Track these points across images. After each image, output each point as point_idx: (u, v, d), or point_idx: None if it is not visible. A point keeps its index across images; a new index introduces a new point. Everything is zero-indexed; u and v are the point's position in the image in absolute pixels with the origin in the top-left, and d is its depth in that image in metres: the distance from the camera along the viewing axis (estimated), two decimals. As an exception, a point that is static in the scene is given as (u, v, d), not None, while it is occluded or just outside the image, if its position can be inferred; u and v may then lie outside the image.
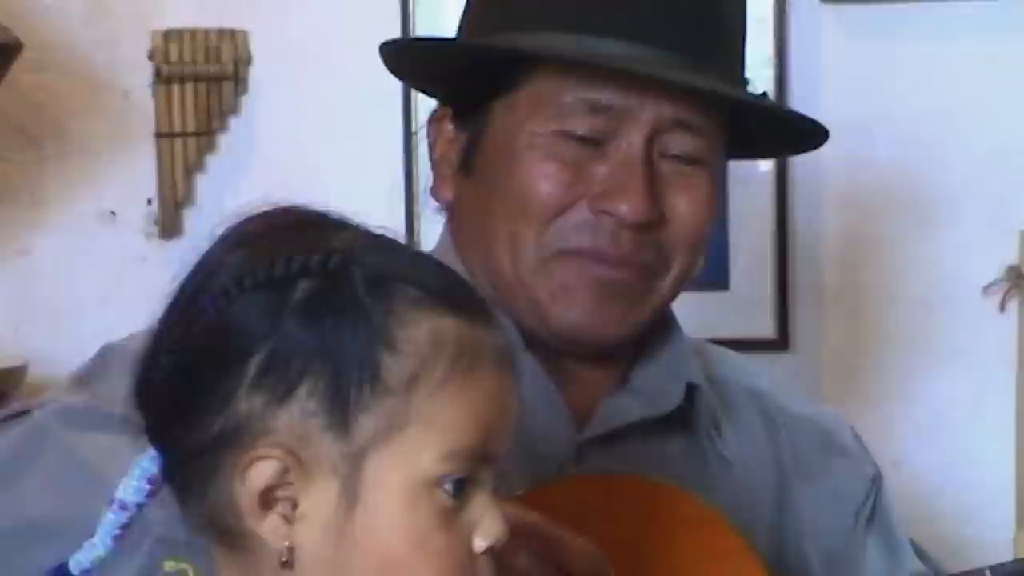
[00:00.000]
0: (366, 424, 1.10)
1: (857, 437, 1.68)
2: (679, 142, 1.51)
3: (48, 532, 1.32)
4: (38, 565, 1.29)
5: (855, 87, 2.42)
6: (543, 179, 1.49)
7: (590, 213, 1.51)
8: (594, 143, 1.50)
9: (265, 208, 1.16)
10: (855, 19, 2.42)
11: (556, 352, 1.56)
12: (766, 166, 2.41)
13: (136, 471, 1.13)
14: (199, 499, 1.12)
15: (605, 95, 1.48)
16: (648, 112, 1.49)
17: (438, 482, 1.10)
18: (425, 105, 1.67)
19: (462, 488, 1.10)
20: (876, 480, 1.65)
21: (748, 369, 1.69)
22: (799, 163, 2.39)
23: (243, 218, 1.15)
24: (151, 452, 1.13)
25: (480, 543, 1.12)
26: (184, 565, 1.17)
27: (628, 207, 1.49)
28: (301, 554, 1.10)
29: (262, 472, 1.09)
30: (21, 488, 1.37)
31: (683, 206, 1.52)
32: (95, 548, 1.13)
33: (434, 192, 1.57)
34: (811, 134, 1.62)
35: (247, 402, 1.09)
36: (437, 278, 1.14)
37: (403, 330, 1.10)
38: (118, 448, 1.19)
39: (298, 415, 1.09)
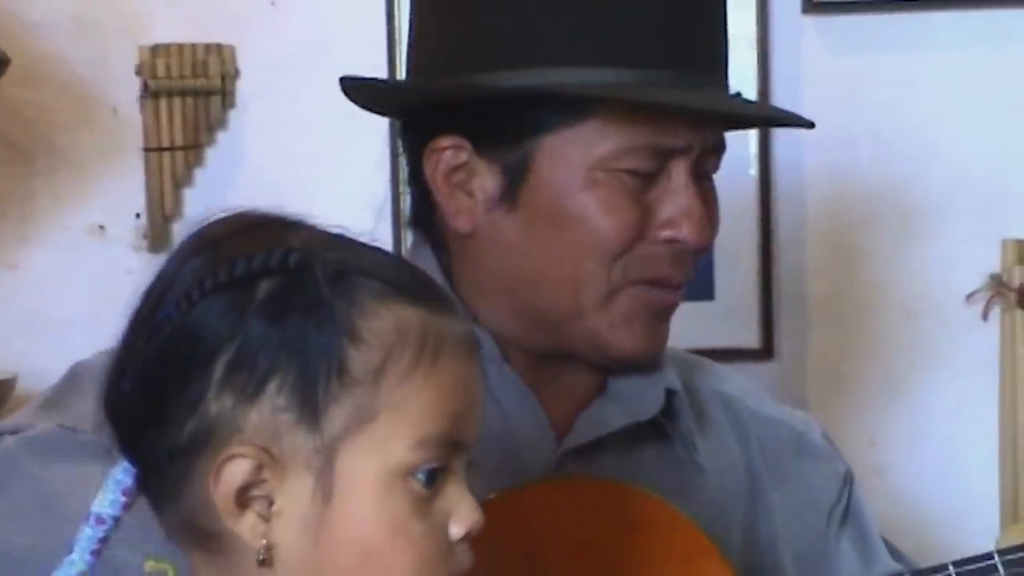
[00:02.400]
0: (336, 417, 1.10)
1: (827, 437, 1.69)
2: (710, 163, 1.55)
3: (12, 563, 1.33)
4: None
5: (837, 98, 2.43)
6: (613, 215, 1.51)
7: (653, 244, 1.52)
8: (646, 175, 1.51)
9: (220, 213, 1.16)
10: (837, 30, 2.43)
11: (536, 363, 1.57)
12: (750, 176, 2.42)
13: (110, 484, 1.14)
14: (175, 504, 1.12)
15: (669, 138, 1.50)
16: (698, 143, 1.52)
17: (411, 471, 1.11)
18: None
19: (435, 477, 1.12)
20: (848, 478, 1.66)
21: (718, 374, 1.70)
22: (783, 174, 2.41)
23: (200, 225, 1.16)
24: (124, 464, 1.13)
25: (456, 530, 1.13)
26: (165, 565, 1.21)
27: (694, 234, 1.51)
28: (279, 551, 1.11)
29: (236, 471, 1.09)
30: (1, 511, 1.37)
31: (716, 218, 1.56)
32: (74, 564, 1.13)
33: (452, 218, 1.56)
34: (799, 120, 1.66)
35: (217, 403, 1.10)
36: (396, 270, 1.15)
37: (367, 321, 1.11)
38: (88, 477, 1.19)
39: (268, 412, 1.10)
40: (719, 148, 1.55)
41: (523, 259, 1.55)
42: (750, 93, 2.36)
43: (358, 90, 1.65)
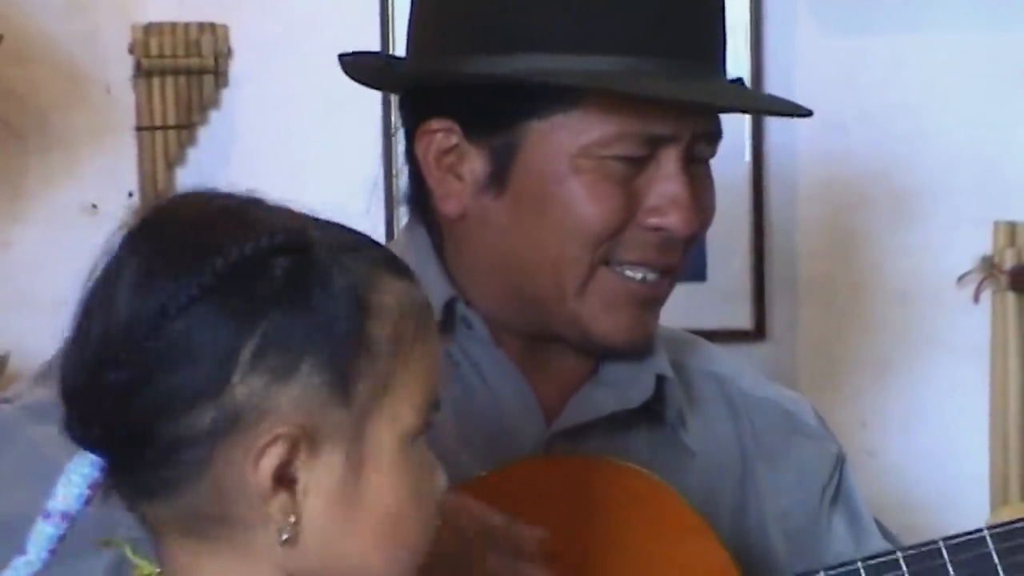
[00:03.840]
0: (363, 390, 1.11)
1: (819, 417, 1.70)
2: (704, 149, 1.54)
3: (9, 528, 1.29)
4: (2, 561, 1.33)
5: (830, 80, 2.44)
6: (598, 203, 1.51)
7: (640, 229, 1.52)
8: (636, 161, 1.50)
9: (177, 199, 1.15)
10: (830, 12, 2.43)
11: (526, 346, 1.57)
12: (744, 159, 2.42)
13: (75, 479, 1.10)
14: (175, 494, 1.10)
15: (658, 126, 1.50)
16: (687, 132, 1.51)
17: (415, 435, 1.13)
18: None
19: (419, 439, 1.14)
20: (840, 458, 1.67)
21: (711, 355, 1.70)
22: (775, 157, 2.42)
23: (161, 211, 1.14)
24: (90, 458, 1.10)
25: (440, 489, 1.16)
26: (119, 543, 1.17)
27: (681, 222, 1.51)
28: (304, 528, 1.10)
29: (274, 451, 1.08)
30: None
31: (707, 205, 1.56)
32: (31, 564, 1.10)
33: (439, 203, 1.57)
34: (799, 109, 1.66)
35: (245, 386, 1.08)
36: (373, 246, 1.16)
37: (377, 296, 1.12)
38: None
39: (302, 391, 1.09)
40: (713, 135, 1.54)
41: (510, 243, 1.56)
42: (743, 73, 2.34)
43: (355, 67, 1.66)
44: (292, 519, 1.10)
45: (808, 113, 1.62)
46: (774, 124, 2.42)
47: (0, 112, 2.50)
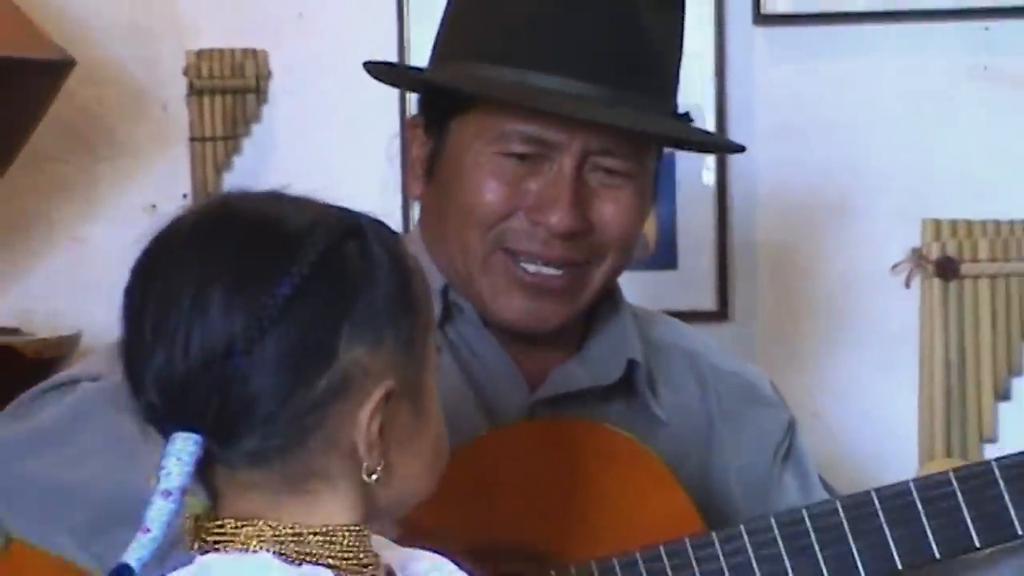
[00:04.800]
0: (419, 346, 1.13)
1: (775, 388, 1.72)
2: (607, 162, 1.52)
3: (76, 495, 1.35)
4: (68, 526, 1.34)
5: (784, 99, 2.42)
6: (485, 192, 1.51)
7: (525, 222, 1.52)
8: (531, 160, 1.51)
9: (225, 202, 1.14)
10: (784, 40, 2.41)
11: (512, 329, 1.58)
12: (709, 166, 2.40)
13: (185, 457, 1.07)
14: (290, 453, 1.09)
15: (537, 130, 1.50)
16: (577, 143, 1.50)
17: (437, 374, 1.16)
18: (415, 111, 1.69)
19: None
20: (791, 424, 1.69)
21: (684, 332, 1.72)
22: (737, 163, 2.39)
23: (220, 216, 1.12)
24: (193, 437, 1.07)
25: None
26: (202, 502, 1.13)
27: (556, 219, 1.50)
28: (389, 465, 1.11)
29: (377, 407, 1.09)
30: (66, 455, 1.38)
31: (610, 214, 1.53)
32: (156, 541, 1.06)
33: (406, 188, 1.61)
34: (731, 145, 1.66)
35: (348, 355, 1.08)
36: (381, 222, 1.16)
37: (407, 261, 1.14)
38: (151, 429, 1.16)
39: (389, 354, 1.10)
40: (614, 152, 1.52)
41: (438, 225, 1.57)
42: (708, 98, 2.37)
43: (377, 72, 1.67)
44: (382, 462, 1.10)
45: (692, 145, 1.63)
46: (736, 135, 2.37)
47: (74, 126, 2.49)
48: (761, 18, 2.41)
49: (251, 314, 1.06)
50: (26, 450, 1.41)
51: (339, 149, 2.48)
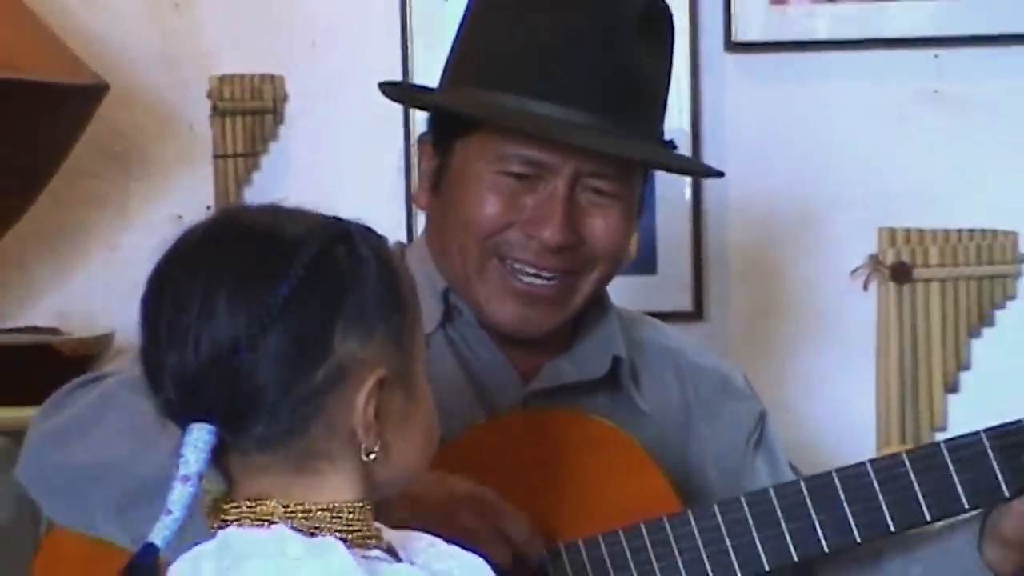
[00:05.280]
0: (407, 338, 1.14)
1: (747, 382, 1.71)
2: (596, 183, 1.52)
3: (109, 473, 1.35)
4: (104, 498, 1.33)
5: (753, 119, 2.42)
6: (485, 206, 1.52)
7: (521, 235, 1.52)
8: (528, 179, 1.51)
9: (227, 216, 1.15)
10: (752, 66, 2.41)
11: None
12: (686, 180, 2.39)
13: (201, 445, 1.08)
14: (295, 438, 1.10)
15: (535, 153, 1.50)
16: (570, 166, 1.50)
17: (426, 365, 1.17)
18: (420, 131, 1.67)
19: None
20: (762, 415, 1.69)
21: (665, 332, 1.71)
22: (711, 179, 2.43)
23: (223, 229, 1.12)
24: (207, 427, 1.08)
25: (434, 405, 1.19)
26: (217, 486, 1.14)
27: (549, 234, 1.50)
28: (385, 445, 1.12)
29: (371, 393, 1.10)
30: (95, 437, 1.39)
31: (599, 230, 1.53)
32: (177, 522, 1.08)
33: (414, 199, 1.62)
34: (709, 171, 1.67)
35: (342, 347, 1.09)
36: (368, 228, 1.16)
37: (393, 262, 1.15)
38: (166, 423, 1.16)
39: (380, 345, 1.11)
40: (604, 175, 1.51)
41: (441, 233, 1.57)
42: (684, 118, 2.36)
43: (391, 92, 1.68)
44: (379, 443, 1.11)
45: (666, 166, 1.62)
46: (709, 151, 2.39)
47: (109, 145, 2.48)
48: (732, 46, 2.41)
49: (253, 314, 1.07)
50: (58, 442, 1.41)
51: (349, 164, 2.47)
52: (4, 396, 2.06)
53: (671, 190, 2.40)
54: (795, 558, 1.49)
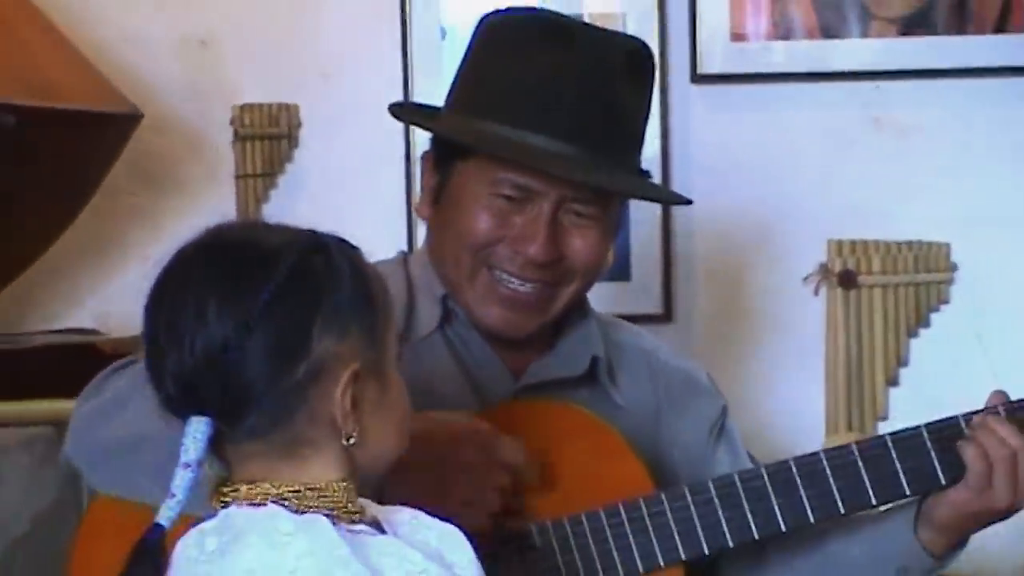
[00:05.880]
0: (380, 335, 1.15)
1: (711, 379, 1.71)
2: (578, 207, 1.51)
3: (146, 442, 1.34)
4: (144, 463, 1.33)
5: (716, 143, 2.41)
6: (479, 223, 1.51)
7: (509, 249, 1.51)
8: (517, 201, 1.51)
9: (216, 232, 1.15)
10: (716, 96, 2.41)
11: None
12: None
13: (199, 436, 1.10)
14: (283, 427, 1.11)
15: (525, 180, 1.50)
16: (555, 192, 1.50)
17: (399, 358, 1.18)
18: (420, 155, 1.66)
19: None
20: (724, 409, 1.69)
21: (638, 335, 1.71)
22: (679, 191, 2.41)
23: (212, 242, 1.14)
24: (205, 420, 1.10)
25: (407, 395, 1.20)
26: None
27: (534, 251, 1.50)
28: (363, 431, 1.13)
29: (347, 385, 1.11)
30: (131, 412, 1.38)
31: (578, 247, 1.53)
32: (180, 504, 1.10)
33: (416, 210, 1.62)
34: (679, 199, 1.67)
35: (320, 345, 1.10)
36: (342, 239, 1.17)
37: (366, 268, 1.16)
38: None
39: (355, 342, 1.12)
40: (585, 200, 1.50)
41: (439, 244, 1.57)
42: (654, 143, 2.36)
43: (401, 113, 1.70)
44: (357, 429, 1.12)
45: (640, 195, 1.62)
46: (677, 169, 2.39)
47: (143, 166, 2.48)
48: (697, 78, 2.40)
49: (239, 319, 1.08)
50: (100, 419, 1.42)
51: (356, 183, 2.46)
52: (49, 390, 2.05)
53: (644, 206, 2.39)
54: (756, 536, 1.50)
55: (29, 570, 1.90)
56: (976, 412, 1.50)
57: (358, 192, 2.46)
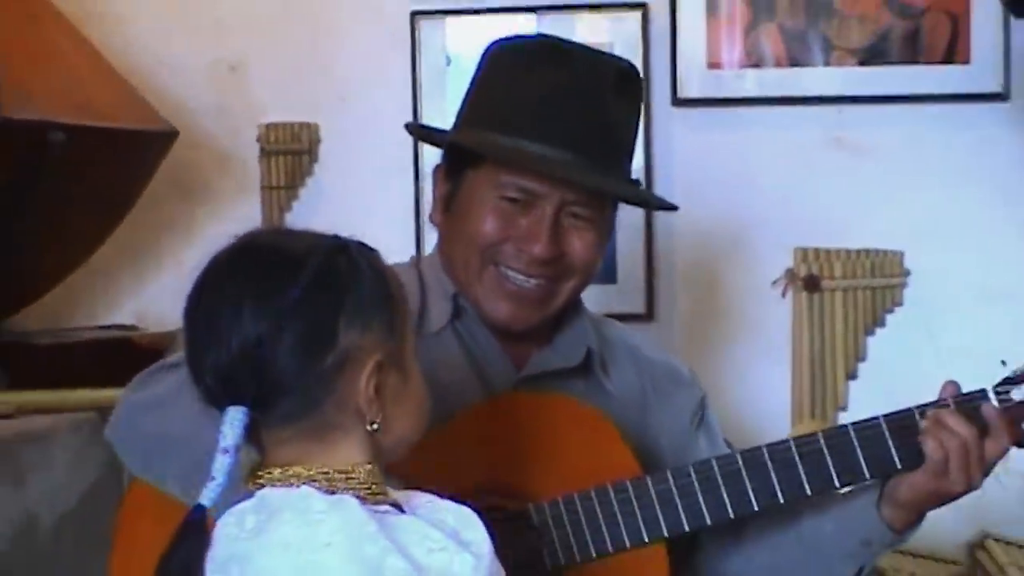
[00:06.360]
0: (399, 328, 1.14)
1: (692, 372, 1.71)
2: (577, 210, 1.52)
3: (177, 445, 1.34)
4: (173, 464, 1.33)
5: (695, 161, 2.41)
6: (486, 224, 1.51)
7: (515, 248, 1.51)
8: (522, 204, 1.51)
9: (248, 237, 1.15)
10: (694, 118, 2.41)
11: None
12: (640, 208, 2.41)
13: (237, 423, 1.09)
14: (312, 413, 1.10)
15: (529, 184, 1.50)
16: (556, 195, 1.50)
17: (415, 349, 1.17)
18: (427, 169, 1.67)
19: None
20: (703, 399, 1.68)
21: (626, 331, 1.71)
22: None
23: (245, 247, 1.13)
24: (242, 408, 1.08)
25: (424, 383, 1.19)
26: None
27: (538, 250, 1.50)
28: (385, 418, 1.12)
29: (371, 374, 1.10)
30: (169, 414, 1.38)
31: (577, 246, 1.53)
32: (220, 486, 1.09)
33: (430, 218, 1.62)
34: (666, 205, 1.67)
35: (345, 338, 1.10)
36: (359, 242, 1.16)
37: (383, 267, 1.15)
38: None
39: (377, 335, 1.11)
40: (583, 203, 1.50)
41: (451, 245, 1.56)
42: (639, 159, 2.35)
43: (416, 132, 1.71)
44: (380, 415, 1.12)
45: (638, 202, 1.63)
46: (660, 183, 2.39)
47: (178, 179, 2.48)
48: (677, 101, 2.41)
49: (272, 316, 1.08)
50: (141, 414, 1.42)
51: (370, 194, 2.47)
52: (94, 380, 2.06)
53: (629, 215, 2.33)
54: (731, 515, 1.50)
55: (76, 541, 1.90)
56: (929, 404, 1.50)
57: (371, 202, 2.45)
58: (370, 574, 1.05)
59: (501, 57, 1.55)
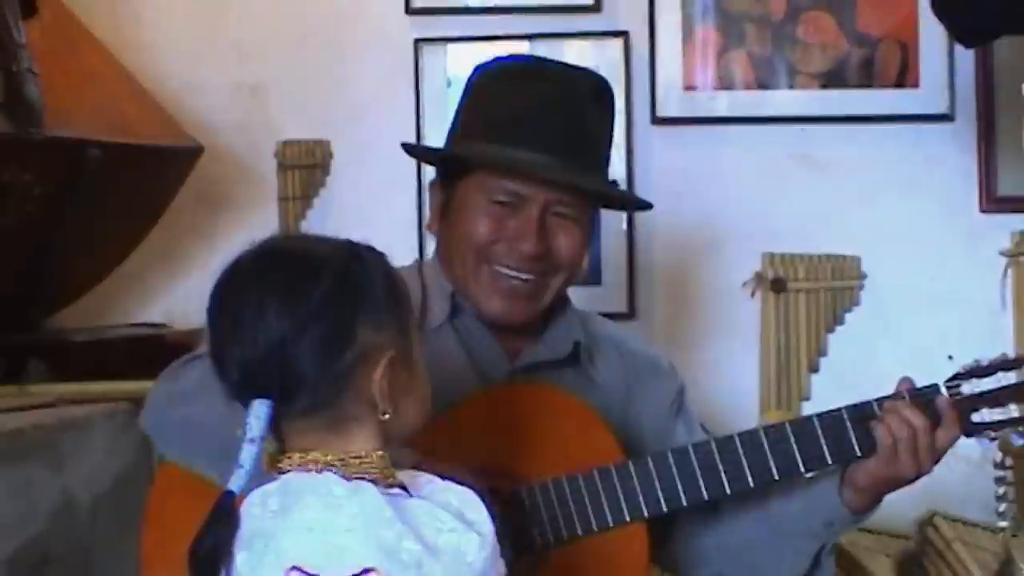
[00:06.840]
0: (407, 326, 1.14)
1: (671, 363, 1.70)
2: (561, 209, 1.52)
3: (208, 431, 1.33)
4: (204, 448, 1.32)
5: (672, 174, 2.40)
6: (479, 227, 1.51)
7: (507, 247, 1.51)
8: (510, 206, 1.50)
9: (268, 244, 1.13)
10: (672, 135, 2.40)
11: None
12: (622, 216, 2.39)
13: (262, 415, 1.08)
14: (331, 406, 1.09)
15: (516, 186, 1.50)
16: (541, 196, 1.50)
17: (420, 344, 1.16)
18: (427, 179, 1.67)
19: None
20: (682, 389, 1.68)
21: (610, 326, 1.70)
22: (641, 215, 2.36)
23: (267, 254, 1.12)
24: (267, 401, 1.07)
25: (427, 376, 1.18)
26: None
27: (527, 247, 1.50)
28: (395, 408, 1.11)
29: (385, 369, 1.10)
30: (200, 403, 1.36)
31: (563, 243, 1.53)
32: (247, 473, 1.08)
33: (428, 227, 1.61)
34: (642, 203, 1.67)
35: (362, 336, 1.09)
36: (368, 246, 1.15)
37: (391, 271, 1.14)
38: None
39: (389, 333, 1.11)
40: (567, 203, 1.50)
41: (448, 249, 1.55)
42: (621, 173, 2.35)
43: (412, 150, 1.69)
44: (392, 406, 1.11)
45: (616, 202, 1.62)
46: (640, 194, 2.38)
47: (202, 192, 2.47)
48: (656, 120, 2.41)
49: (294, 316, 1.07)
50: (173, 402, 1.41)
51: (377, 205, 2.46)
52: (126, 373, 2.05)
53: (612, 222, 2.40)
54: (706, 497, 1.50)
55: (111, 520, 1.89)
56: (886, 397, 1.50)
57: (378, 212, 2.45)
58: (387, 557, 1.05)
59: (485, 76, 1.56)
